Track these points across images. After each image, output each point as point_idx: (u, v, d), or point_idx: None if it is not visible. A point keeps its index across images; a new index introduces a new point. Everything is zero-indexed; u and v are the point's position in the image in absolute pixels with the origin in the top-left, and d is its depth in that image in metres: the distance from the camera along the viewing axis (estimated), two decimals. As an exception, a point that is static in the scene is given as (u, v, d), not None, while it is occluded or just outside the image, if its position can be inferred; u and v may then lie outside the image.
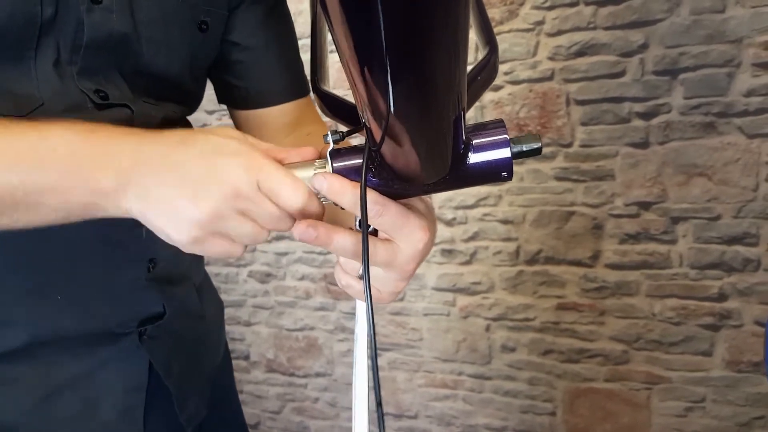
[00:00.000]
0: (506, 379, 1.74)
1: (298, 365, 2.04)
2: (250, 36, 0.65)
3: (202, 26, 0.58)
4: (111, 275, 0.54)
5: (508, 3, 1.52)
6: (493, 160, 0.42)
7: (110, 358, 0.54)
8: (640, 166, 1.47)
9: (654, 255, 1.50)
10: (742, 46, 1.32)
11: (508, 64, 1.54)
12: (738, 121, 1.36)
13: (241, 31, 0.64)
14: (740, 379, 1.48)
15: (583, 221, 1.55)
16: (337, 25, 0.27)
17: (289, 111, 0.70)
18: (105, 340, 0.51)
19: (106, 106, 0.50)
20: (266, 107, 0.69)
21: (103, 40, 0.50)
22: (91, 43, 0.49)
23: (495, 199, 1.63)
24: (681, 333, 1.51)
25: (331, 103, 0.50)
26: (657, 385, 1.57)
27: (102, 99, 0.50)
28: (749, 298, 1.43)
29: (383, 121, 0.36)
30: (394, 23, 0.25)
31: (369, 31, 0.26)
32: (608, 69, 1.45)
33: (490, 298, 1.70)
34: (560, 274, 1.61)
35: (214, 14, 0.59)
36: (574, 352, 1.63)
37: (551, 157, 1.55)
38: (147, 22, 0.53)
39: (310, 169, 0.42)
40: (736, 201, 1.40)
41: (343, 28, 0.27)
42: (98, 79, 0.51)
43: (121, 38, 0.51)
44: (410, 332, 1.83)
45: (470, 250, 1.69)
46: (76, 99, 0.49)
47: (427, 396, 1.85)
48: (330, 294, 1.92)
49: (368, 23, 0.25)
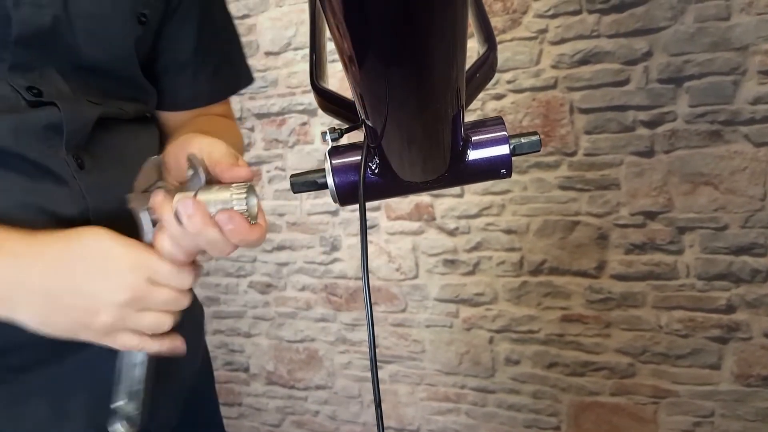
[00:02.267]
0: (510, 392, 1.70)
1: (299, 377, 2.01)
2: (178, 40, 0.63)
3: (141, 18, 0.56)
4: None
5: (510, 12, 1.51)
6: (492, 156, 0.43)
7: (79, 365, 0.52)
8: (645, 175, 1.45)
9: (660, 266, 1.47)
10: (748, 54, 1.31)
11: (511, 73, 1.53)
12: (744, 130, 1.34)
13: (172, 34, 0.63)
14: (749, 393, 1.45)
15: (587, 231, 1.53)
16: (336, 22, 0.27)
17: (210, 110, 0.70)
18: (74, 346, 0.49)
19: (40, 104, 0.48)
20: (185, 110, 0.68)
21: (33, 35, 0.48)
22: (20, 39, 0.47)
23: (498, 208, 1.61)
24: (688, 345, 1.48)
25: (329, 101, 0.50)
26: (664, 399, 1.53)
27: (35, 96, 0.48)
28: (758, 309, 1.41)
29: (382, 118, 0.36)
30: (393, 20, 0.25)
31: (367, 28, 0.26)
32: (612, 77, 1.43)
33: (494, 310, 1.67)
34: (565, 285, 1.58)
35: (152, 6, 0.58)
36: (579, 365, 1.60)
37: (555, 166, 1.53)
38: (83, 16, 0.51)
39: (227, 192, 0.41)
40: (744, 210, 1.38)
41: (342, 24, 0.26)
42: (33, 76, 0.49)
43: (53, 33, 0.49)
44: (412, 344, 1.80)
45: (473, 260, 1.67)
46: (7, 96, 0.47)
47: (429, 410, 1.82)
48: (331, 305, 1.90)
49: (367, 19, 0.25)
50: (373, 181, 0.42)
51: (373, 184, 0.42)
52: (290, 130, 1.84)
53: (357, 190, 0.41)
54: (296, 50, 1.78)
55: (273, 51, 1.80)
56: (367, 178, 0.42)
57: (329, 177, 0.42)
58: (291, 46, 1.78)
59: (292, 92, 1.81)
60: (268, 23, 1.79)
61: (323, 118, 1.78)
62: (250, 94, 1.86)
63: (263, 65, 1.82)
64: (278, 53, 1.80)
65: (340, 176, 0.42)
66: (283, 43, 1.78)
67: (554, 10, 1.46)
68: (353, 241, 1.82)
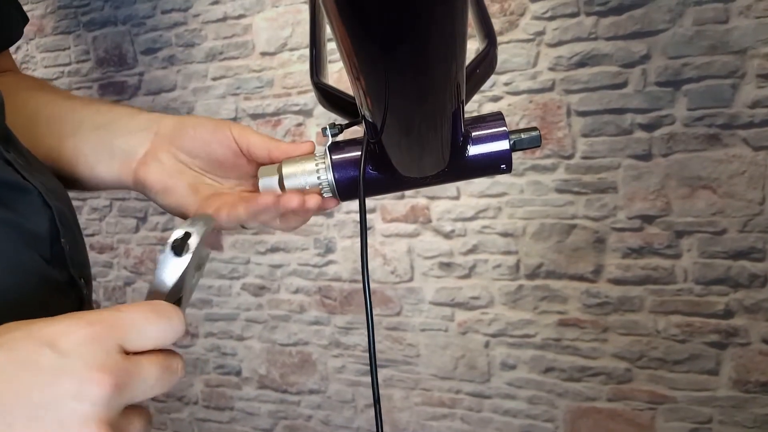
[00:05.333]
0: (506, 397, 1.69)
1: (291, 381, 1.98)
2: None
3: None
4: None
5: (507, 13, 1.50)
6: (492, 152, 0.43)
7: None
8: (643, 179, 1.44)
9: (658, 270, 1.47)
10: (747, 57, 1.30)
11: (508, 75, 1.53)
12: (743, 133, 1.34)
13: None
14: (748, 399, 1.44)
15: (584, 235, 1.52)
16: (336, 18, 0.26)
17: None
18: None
19: None
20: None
21: None
22: None
23: (494, 211, 1.60)
24: (686, 351, 1.47)
25: (330, 96, 0.49)
26: (661, 404, 1.52)
27: None
28: (756, 315, 1.40)
29: (382, 114, 0.36)
30: (393, 15, 0.25)
31: (367, 23, 0.26)
32: (610, 80, 1.43)
33: (490, 314, 1.66)
34: (561, 289, 1.57)
35: None
36: (576, 370, 1.59)
37: (552, 168, 1.52)
38: None
39: (312, 162, 0.43)
40: (742, 215, 1.37)
41: (342, 20, 0.26)
42: None
43: None
44: (407, 348, 1.78)
45: (469, 263, 1.65)
46: None
47: (424, 415, 1.80)
48: (325, 308, 1.88)
49: (367, 15, 0.25)
50: (373, 176, 0.42)
51: (373, 180, 0.42)
52: (285, 131, 1.82)
53: (357, 185, 0.41)
54: (292, 51, 1.76)
55: (269, 51, 1.79)
56: (367, 174, 0.41)
57: (329, 172, 0.42)
58: (287, 46, 1.76)
59: (287, 93, 1.79)
60: (263, 23, 1.78)
61: (319, 118, 1.77)
62: (246, 94, 1.85)
63: (259, 65, 1.81)
64: (274, 54, 1.78)
65: (340, 172, 0.42)
66: (279, 43, 1.77)
67: (552, 12, 1.46)
68: (348, 243, 1.80)
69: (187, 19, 1.87)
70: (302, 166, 0.43)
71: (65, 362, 0.26)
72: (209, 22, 1.84)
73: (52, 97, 0.55)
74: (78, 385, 0.26)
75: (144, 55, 1.96)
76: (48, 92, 0.56)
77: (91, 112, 0.53)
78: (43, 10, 2.09)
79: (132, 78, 2.00)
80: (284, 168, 0.42)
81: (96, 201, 2.16)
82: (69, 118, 0.52)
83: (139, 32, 1.95)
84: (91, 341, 0.27)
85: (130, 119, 0.51)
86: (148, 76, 1.98)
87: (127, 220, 2.15)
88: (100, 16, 2.00)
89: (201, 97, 1.90)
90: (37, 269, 0.38)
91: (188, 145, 0.48)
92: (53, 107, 0.53)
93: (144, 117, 0.51)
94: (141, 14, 1.93)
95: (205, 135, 0.47)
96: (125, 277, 2.20)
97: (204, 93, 1.90)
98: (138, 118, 0.52)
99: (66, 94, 0.56)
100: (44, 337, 0.27)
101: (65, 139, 0.52)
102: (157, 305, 0.30)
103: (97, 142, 0.51)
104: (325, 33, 0.56)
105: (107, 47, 2.02)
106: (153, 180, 0.48)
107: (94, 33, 2.03)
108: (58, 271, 0.41)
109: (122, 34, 1.98)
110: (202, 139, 0.47)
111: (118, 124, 0.51)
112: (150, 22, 1.93)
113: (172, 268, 0.32)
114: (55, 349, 0.26)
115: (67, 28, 2.07)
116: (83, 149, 0.51)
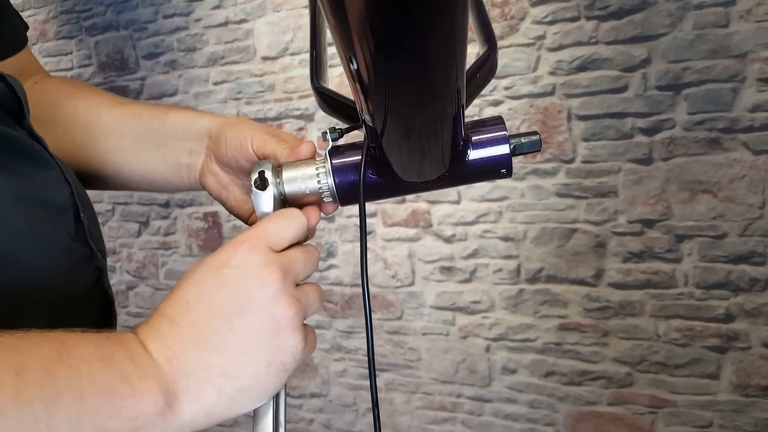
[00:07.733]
0: (506, 401, 1.69)
1: (293, 385, 1.98)
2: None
3: None
4: None
5: (508, 18, 1.51)
6: (492, 156, 0.42)
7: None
8: (643, 183, 1.44)
9: (658, 274, 1.46)
10: (747, 61, 1.31)
11: (509, 79, 1.53)
12: (743, 137, 1.34)
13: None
14: (748, 403, 1.44)
15: (585, 239, 1.52)
16: (336, 22, 0.26)
17: (9, 66, 0.62)
18: None
19: None
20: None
21: None
22: None
23: (495, 215, 1.60)
24: (687, 355, 1.47)
25: (330, 101, 0.49)
26: (662, 408, 1.52)
27: None
28: (757, 319, 1.40)
29: (382, 118, 0.36)
30: (393, 19, 0.25)
31: (368, 28, 0.26)
32: (610, 84, 1.43)
33: (491, 318, 1.66)
34: (562, 293, 1.57)
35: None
36: (577, 374, 1.59)
37: (553, 173, 1.52)
38: None
39: (312, 167, 0.43)
40: (743, 219, 1.37)
41: (342, 25, 0.26)
42: None
43: None
44: (408, 352, 1.78)
45: (470, 267, 1.65)
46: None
47: (425, 419, 1.80)
48: (326, 312, 1.88)
49: (367, 20, 0.25)
50: (373, 181, 0.42)
51: (373, 184, 0.42)
52: (286, 135, 1.82)
53: (357, 189, 0.41)
54: (293, 55, 1.77)
55: (270, 56, 1.79)
56: (367, 178, 0.41)
57: (329, 177, 0.42)
58: (288, 51, 1.77)
59: (289, 97, 1.80)
60: (265, 28, 1.79)
61: (320, 123, 1.77)
62: (247, 98, 1.85)
63: (260, 70, 1.82)
64: (275, 58, 1.79)
65: (340, 176, 0.42)
66: (280, 48, 1.78)
67: (552, 16, 1.46)
68: (349, 247, 1.80)
69: (189, 24, 1.88)
70: (302, 171, 0.43)
71: (242, 271, 0.36)
72: (211, 26, 1.85)
73: (103, 107, 0.57)
74: (258, 281, 0.35)
75: (146, 60, 1.97)
76: (97, 100, 0.58)
77: (146, 130, 0.55)
78: (45, 15, 2.10)
79: (134, 82, 2.01)
80: (284, 172, 0.43)
81: (98, 205, 2.17)
82: (127, 133, 0.55)
83: (140, 37, 1.96)
84: (251, 252, 0.36)
85: (185, 132, 0.54)
86: (150, 81, 1.98)
87: (130, 224, 2.15)
88: (102, 20, 2.01)
89: (202, 101, 1.90)
90: (63, 244, 0.43)
91: (225, 160, 0.51)
92: (107, 119, 0.56)
93: (195, 127, 0.54)
94: (143, 19, 1.94)
95: (234, 153, 0.49)
96: (127, 281, 2.20)
97: (205, 97, 1.90)
98: (191, 129, 0.54)
99: (112, 101, 0.58)
100: (220, 263, 0.36)
101: (130, 156, 0.56)
102: (282, 212, 0.40)
103: (163, 160, 0.55)
104: (326, 37, 0.57)
105: (109, 52, 2.03)
106: (211, 189, 0.53)
107: (96, 38, 2.04)
108: (80, 245, 0.45)
109: (124, 39, 1.99)
110: (233, 157, 0.50)
111: (177, 141, 0.54)
112: (152, 27, 1.93)
113: (265, 200, 0.41)
114: (231, 266, 0.36)
115: (70, 32, 2.08)
116: (159, 169, 0.55)
